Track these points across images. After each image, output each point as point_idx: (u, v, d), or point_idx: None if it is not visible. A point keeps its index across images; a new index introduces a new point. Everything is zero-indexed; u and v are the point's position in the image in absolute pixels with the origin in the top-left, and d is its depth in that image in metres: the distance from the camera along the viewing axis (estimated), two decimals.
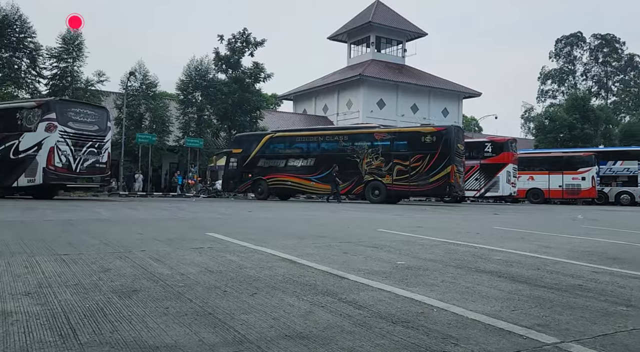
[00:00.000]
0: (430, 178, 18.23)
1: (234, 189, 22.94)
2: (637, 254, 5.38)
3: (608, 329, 2.41)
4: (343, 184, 19.59)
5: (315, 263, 4.02)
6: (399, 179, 18.82)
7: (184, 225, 7.65)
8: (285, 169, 20.85)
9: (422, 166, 18.38)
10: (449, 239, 6.16)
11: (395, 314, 2.55)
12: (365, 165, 19.40)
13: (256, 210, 12.56)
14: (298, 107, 44.87)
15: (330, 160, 19.83)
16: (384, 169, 19.09)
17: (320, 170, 20.04)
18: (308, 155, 20.63)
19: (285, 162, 20.95)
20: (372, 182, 19.33)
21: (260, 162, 21.40)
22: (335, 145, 20.33)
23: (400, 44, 42.79)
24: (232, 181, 22.36)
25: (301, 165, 20.64)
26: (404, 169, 18.72)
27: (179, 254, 4.32)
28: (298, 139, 21.32)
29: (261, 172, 21.30)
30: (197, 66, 29.04)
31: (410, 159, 18.59)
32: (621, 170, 28.61)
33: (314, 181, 20.26)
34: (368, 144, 19.56)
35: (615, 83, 68.64)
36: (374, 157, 19.31)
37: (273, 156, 21.27)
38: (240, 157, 21.91)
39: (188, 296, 2.79)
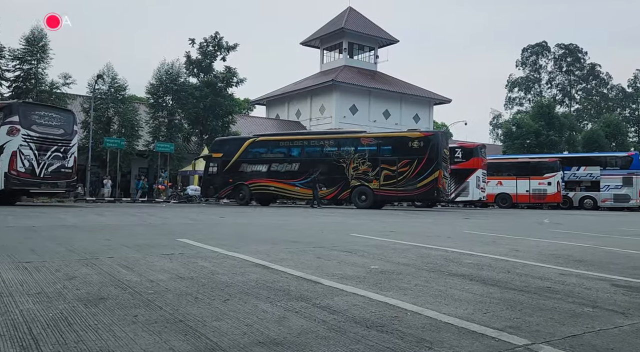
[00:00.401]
0: (418, 183, 18.35)
1: (214, 194, 22.50)
2: (601, 257, 5.55)
3: (576, 330, 2.46)
4: (329, 189, 19.51)
5: (288, 268, 3.98)
6: (386, 184, 18.83)
7: (153, 231, 7.48)
8: (268, 174, 20.55)
9: (410, 171, 18.46)
10: (421, 243, 6.22)
11: (369, 318, 2.54)
12: (351, 170, 19.33)
13: (229, 215, 12.41)
14: (271, 112, 44.74)
15: (315, 165, 19.68)
16: (371, 174, 19.05)
17: (304, 175, 19.86)
18: (292, 160, 20.40)
19: (268, 167, 20.65)
20: (358, 188, 19.27)
21: (242, 167, 21.06)
22: (321, 150, 20.20)
23: (373, 50, 43.26)
24: (213, 186, 21.91)
25: (285, 170, 20.37)
26: (392, 174, 18.75)
27: (149, 261, 4.20)
28: (282, 144, 21.06)
29: (243, 177, 20.96)
30: (167, 70, 28.60)
31: (398, 164, 18.64)
32: (584, 176, 29.60)
33: (298, 186, 20.06)
34: (354, 149, 19.49)
35: (578, 91, 71.15)
36: (361, 162, 19.25)
37: (255, 161, 20.95)
38: (221, 161, 21.52)
39: (158, 303, 2.71)
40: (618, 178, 28.60)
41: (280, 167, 20.48)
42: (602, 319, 2.69)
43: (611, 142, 45.18)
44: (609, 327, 2.53)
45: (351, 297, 3.02)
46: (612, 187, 28.57)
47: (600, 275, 4.19)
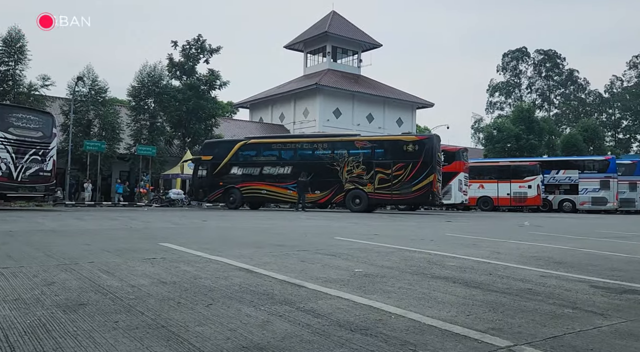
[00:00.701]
0: (412, 187, 18.35)
1: (203, 198, 22.08)
2: (580, 258, 5.65)
3: (557, 331, 2.50)
4: (322, 192, 19.41)
5: (272, 272, 3.96)
6: (380, 188, 18.78)
7: (135, 235, 7.37)
8: (261, 177, 20.28)
9: (405, 175, 18.44)
10: (404, 246, 6.25)
11: (353, 321, 2.54)
12: (345, 173, 19.22)
13: (212, 219, 12.31)
14: (254, 116, 44.59)
15: (309, 168, 19.53)
16: (365, 177, 18.99)
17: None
18: (285, 163, 20.17)
19: (260, 170, 20.38)
20: (352, 191, 19.18)
21: (233, 170, 20.74)
22: (314, 153, 20.02)
23: (356, 54, 43.49)
24: (202, 190, 21.43)
25: (277, 173, 20.12)
26: (386, 177, 18.70)
27: (130, 266, 4.14)
28: (274, 147, 20.80)
29: (234, 181, 20.63)
30: (150, 72, 28.30)
31: (393, 168, 18.60)
32: (563, 179, 30.17)
33: (291, 190, 19.85)
34: (348, 152, 19.39)
35: (557, 96, 72.66)
36: (355, 166, 19.16)
37: (247, 164, 20.66)
38: (211, 164, 21.12)
39: (139, 309, 2.67)
40: (596, 181, 29.23)
41: (273, 170, 20.23)
42: (582, 320, 2.74)
43: (589, 146, 46.17)
44: (589, 328, 2.57)
45: (335, 301, 3.01)
46: (590, 190, 29.18)
47: (579, 277, 4.26)
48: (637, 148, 66.79)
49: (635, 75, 68.16)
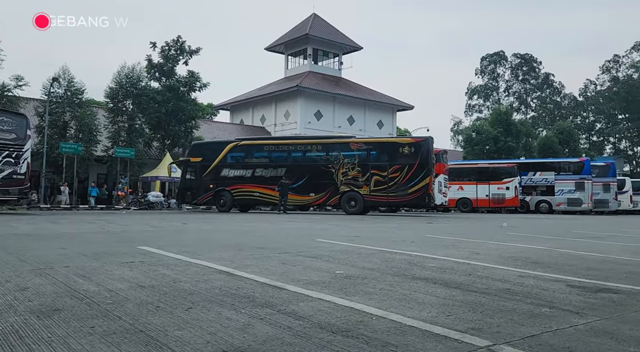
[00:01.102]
0: (409, 189, 18.37)
1: (192, 201, 21.47)
2: (557, 258, 5.76)
3: (535, 330, 2.53)
4: (317, 195, 19.29)
5: (253, 275, 3.93)
6: (376, 190, 18.73)
7: (112, 238, 7.24)
8: (253, 180, 19.95)
9: (401, 177, 18.44)
10: (385, 248, 6.28)
11: (335, 323, 2.53)
12: (340, 175, 19.11)
13: (192, 222, 12.18)
14: (235, 118, 44.33)
15: (303, 170, 19.39)
16: (361, 179, 18.90)
17: (292, 180, 19.46)
18: (278, 165, 19.89)
19: (252, 172, 20.07)
20: (348, 193, 19.09)
21: (224, 172, 20.36)
22: (308, 155, 19.84)
23: (337, 56, 43.61)
24: (191, 192, 20.86)
25: (270, 175, 19.82)
26: (382, 179, 18.66)
27: (107, 269, 4.06)
28: (266, 148, 20.54)
29: (224, 183, 20.22)
30: (128, 73, 27.87)
31: (389, 170, 18.58)
32: (540, 181, 30.76)
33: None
34: (344, 154, 19.29)
35: (533, 99, 74.14)
36: (350, 168, 19.05)
37: (238, 166, 20.31)
38: (200, 166, 20.65)
39: (117, 313, 2.61)
40: (571, 183, 29.88)
41: (266, 173, 19.92)
42: (559, 319, 2.78)
43: (564, 149, 47.18)
44: (565, 326, 2.62)
45: (317, 303, 3.00)
46: (566, 191, 29.82)
47: (556, 276, 4.34)
48: (610, 150, 68.62)
49: (608, 80, 70.00)
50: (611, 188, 31.37)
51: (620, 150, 67.71)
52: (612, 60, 69.65)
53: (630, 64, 68.13)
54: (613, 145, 70.00)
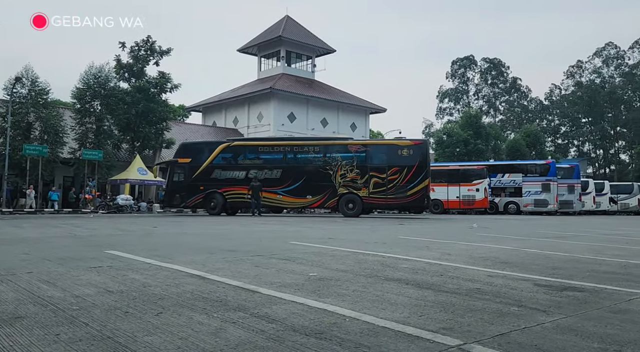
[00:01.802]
0: (408, 191, 18.45)
1: (181, 204, 20.53)
2: (524, 258, 5.91)
3: (504, 328, 2.59)
4: (314, 197, 19.07)
5: (226, 278, 3.88)
6: (375, 192, 18.67)
7: (79, 243, 7.03)
8: (246, 181, 19.31)
9: (400, 179, 18.48)
10: (358, 250, 6.31)
11: (308, 326, 2.53)
12: (339, 177, 18.94)
13: (163, 225, 11.96)
14: (207, 119, 43.81)
15: (300, 172, 19.11)
16: (360, 181, 18.80)
17: (288, 182, 19.13)
18: (274, 167, 19.44)
19: (246, 174, 19.47)
20: (346, 195, 18.94)
21: (215, 174, 19.65)
22: (305, 157, 19.54)
23: (310, 59, 43.68)
24: (179, 195, 19.90)
25: (265, 177, 19.36)
26: (381, 181, 18.63)
27: (74, 275, 3.94)
28: (261, 149, 20.07)
29: (216, 185, 19.46)
30: (96, 74, 27.17)
31: (388, 172, 18.58)
32: (508, 182, 31.52)
33: (281, 195, 19.27)
34: (342, 156, 19.13)
35: (502, 103, 76.02)
36: (349, 170, 18.89)
37: (231, 167, 19.69)
38: (189, 167, 19.73)
39: (83, 320, 2.54)
40: (538, 184, 30.74)
41: (260, 174, 19.42)
42: (527, 317, 2.85)
43: (531, 151, 48.51)
44: (533, 324, 2.68)
45: (290, 305, 2.99)
46: (533, 192, 30.65)
47: (524, 276, 4.45)
48: (574, 153, 70.97)
49: (572, 84, 72.42)
50: (575, 189, 32.42)
51: (583, 153, 70.12)
52: (576, 66, 72.14)
53: (593, 70, 70.73)
54: (577, 148, 72.46)
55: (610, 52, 69.64)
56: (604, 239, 9.51)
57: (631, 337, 2.49)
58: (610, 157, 71.09)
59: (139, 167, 26.49)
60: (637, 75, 67.31)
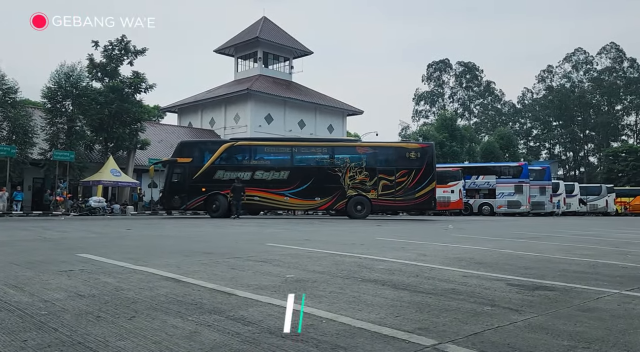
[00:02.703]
0: (416, 193, 18.70)
1: (180, 206, 19.40)
2: (498, 258, 6.02)
3: (478, 328, 2.63)
4: (323, 199, 18.85)
5: (201, 281, 3.83)
6: (384, 194, 18.75)
7: (49, 246, 6.85)
8: (252, 183, 18.73)
9: (408, 181, 18.70)
10: (335, 251, 6.32)
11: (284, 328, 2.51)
12: (348, 179, 18.85)
13: (137, 227, 11.74)
14: (183, 120, 43.28)
15: (308, 173, 18.87)
16: (369, 183, 18.80)
17: (296, 184, 18.80)
18: (280, 168, 19.04)
19: (252, 175, 18.89)
20: (355, 197, 18.88)
21: (218, 174, 18.85)
22: (313, 158, 19.38)
23: (287, 60, 43.62)
24: (179, 197, 18.83)
25: (272, 178, 18.90)
26: (390, 184, 18.74)
27: (43, 279, 3.83)
28: (267, 150, 19.66)
29: (219, 186, 18.63)
30: (67, 73, 26.50)
31: (396, 174, 18.74)
32: (482, 184, 32.10)
33: (288, 196, 18.89)
34: (350, 158, 19.06)
35: (476, 106, 77.43)
36: (358, 171, 18.85)
37: (235, 168, 19.00)
38: (189, 167, 18.84)
39: (52, 325, 2.47)
40: (511, 186, 31.40)
41: (267, 175, 18.94)
42: (500, 316, 2.90)
43: (505, 153, 49.55)
44: (506, 323, 2.73)
45: (266, 308, 2.97)
46: (506, 194, 31.29)
47: (497, 275, 4.53)
48: (545, 155, 72.81)
49: (543, 88, 74.34)
50: (547, 191, 33.22)
51: (554, 155, 72.02)
52: (547, 71, 74.11)
53: (563, 74, 72.77)
54: (548, 151, 74.39)
55: (579, 58, 71.82)
56: (574, 240, 9.77)
57: (599, 335, 2.56)
58: (579, 159, 73.21)
59: (112, 168, 25.96)
60: (605, 80, 69.54)
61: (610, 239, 10.12)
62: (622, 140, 69.19)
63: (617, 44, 70.27)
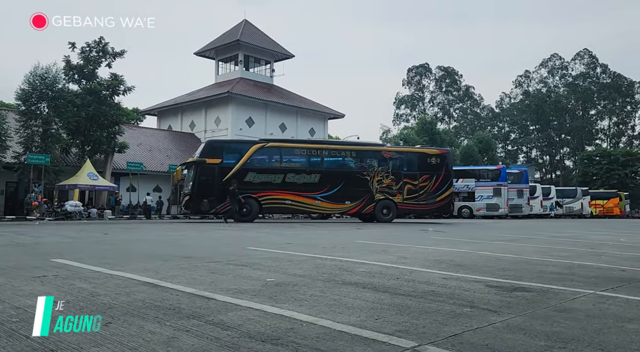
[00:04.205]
0: (437, 197, 19.50)
1: (210, 210, 18.15)
2: (477, 260, 6.09)
3: (457, 329, 2.64)
4: (353, 203, 18.95)
5: (180, 285, 3.78)
6: (409, 198, 19.33)
7: (22, 251, 6.67)
8: (284, 186, 18.27)
9: (430, 186, 19.48)
10: (316, 254, 6.30)
11: (264, 332, 2.49)
12: (376, 183, 19.07)
13: (114, 232, 11.53)
14: (163, 123, 42.74)
15: (338, 176, 18.91)
16: (395, 188, 19.22)
17: (327, 187, 18.65)
18: (311, 171, 18.74)
19: (283, 178, 18.38)
20: (382, 201, 19.17)
21: (249, 177, 18.02)
22: (342, 161, 19.53)
23: (269, 63, 43.51)
24: (207, 200, 17.65)
25: (303, 181, 18.54)
26: (414, 188, 19.34)
27: (15, 285, 3.72)
28: (297, 152, 19.33)
29: (250, 189, 17.87)
30: (42, 74, 25.91)
31: (420, 179, 19.47)
32: (462, 187, 32.49)
33: (319, 200, 18.61)
34: (377, 162, 19.34)
35: (455, 110, 78.49)
36: (384, 176, 19.18)
37: (266, 170, 18.42)
38: (219, 169, 17.81)
39: (24, 333, 2.39)
40: (489, 189, 31.88)
41: (298, 178, 18.52)
42: (479, 317, 2.93)
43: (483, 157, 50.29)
44: (484, 324, 2.76)
45: (246, 312, 2.94)
46: (485, 197, 31.75)
47: (476, 277, 4.58)
48: (523, 158, 74.17)
49: (520, 93, 75.78)
50: (524, 194, 33.83)
51: (531, 159, 73.43)
52: (524, 76, 75.59)
53: (539, 80, 74.33)
54: (525, 154, 75.81)
55: (555, 63, 73.47)
56: (551, 241, 9.95)
57: (574, 334, 2.60)
58: (556, 163, 74.79)
59: (90, 172, 25.44)
60: (579, 86, 71.28)
61: (586, 241, 10.34)
62: (596, 144, 71.00)
63: (590, 50, 72.20)
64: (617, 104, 71.36)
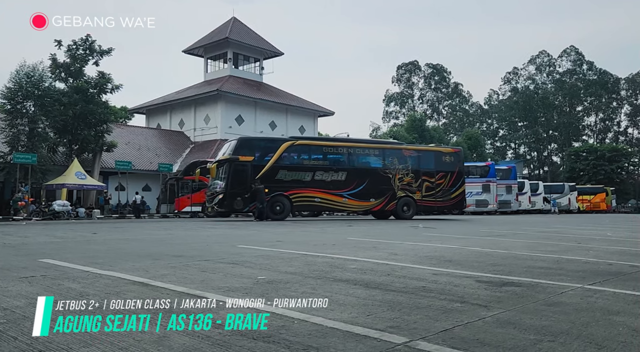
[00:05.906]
0: (452, 194, 20.15)
1: (243, 208, 17.79)
2: (467, 256, 6.13)
3: (448, 324, 2.66)
4: (377, 200, 19.15)
5: (170, 284, 3.76)
6: (427, 195, 19.87)
7: (9, 252, 6.58)
8: (313, 184, 18.22)
9: (445, 183, 20.11)
10: (308, 252, 6.31)
11: (256, 329, 2.48)
12: (397, 181, 19.47)
13: (103, 231, 11.42)
14: (151, 122, 42.41)
15: (363, 174, 19.13)
16: (414, 185, 19.69)
17: (353, 185, 18.76)
18: (339, 168, 18.82)
19: (312, 176, 18.32)
20: (403, 198, 19.58)
21: (280, 175, 17.90)
22: (367, 159, 19.80)
23: (258, 61, 43.35)
24: (241, 198, 17.30)
25: (331, 179, 18.57)
26: (431, 185, 19.90)
27: (2, 286, 3.67)
28: (325, 150, 19.33)
29: (282, 187, 17.80)
30: (28, 73, 25.55)
31: (436, 176, 20.01)
32: None
33: (346, 198, 18.69)
34: (398, 160, 19.72)
35: (444, 107, 78.88)
36: (405, 173, 19.63)
37: (296, 168, 18.33)
38: (252, 167, 17.49)
39: (12, 334, 2.36)
40: (478, 185, 32.09)
41: (326, 176, 18.54)
42: (469, 313, 2.95)
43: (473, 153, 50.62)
44: (475, 319, 2.78)
45: (237, 310, 2.93)
46: (474, 193, 31.95)
47: (466, 273, 4.61)
48: (511, 155, 74.79)
49: (508, 90, 76.37)
50: (513, 190, 34.13)
51: (519, 155, 74.08)
52: (512, 73, 76.17)
53: (527, 76, 74.95)
54: (514, 150, 76.46)
55: (543, 60, 74.14)
56: (539, 237, 10.06)
57: (563, 328, 2.63)
58: (543, 159, 75.55)
59: (77, 171, 25.17)
60: (566, 82, 72.02)
61: (573, 236, 10.47)
62: (583, 140, 71.84)
63: (576, 47, 72.96)
64: (603, 101, 72.26)
